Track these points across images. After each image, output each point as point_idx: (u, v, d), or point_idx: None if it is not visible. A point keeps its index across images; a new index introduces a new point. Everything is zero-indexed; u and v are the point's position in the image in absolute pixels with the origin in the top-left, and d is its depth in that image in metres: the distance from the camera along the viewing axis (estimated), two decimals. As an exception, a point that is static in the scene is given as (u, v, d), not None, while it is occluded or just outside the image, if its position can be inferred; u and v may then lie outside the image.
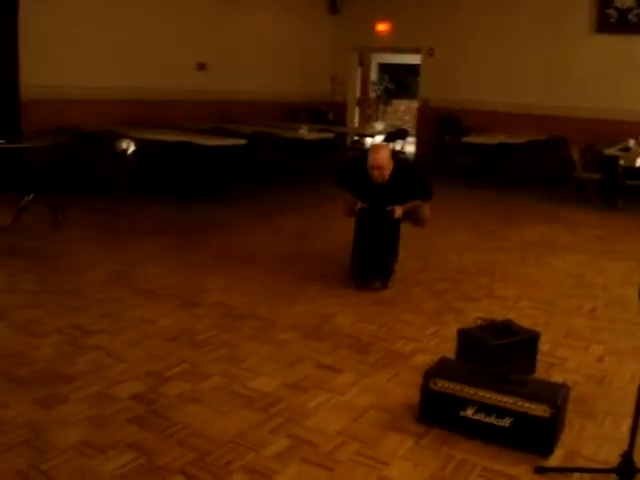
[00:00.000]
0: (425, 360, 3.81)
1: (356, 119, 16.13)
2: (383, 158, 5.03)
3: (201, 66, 11.14)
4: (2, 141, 6.95)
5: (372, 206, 5.24)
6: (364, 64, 17.62)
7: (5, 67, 8.54)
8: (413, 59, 14.97)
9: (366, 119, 18.28)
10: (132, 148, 7.61)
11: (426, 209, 5.43)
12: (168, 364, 3.78)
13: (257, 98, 11.91)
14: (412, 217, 5.38)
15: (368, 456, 2.92)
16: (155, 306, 4.75)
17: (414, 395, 3.31)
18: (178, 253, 6.20)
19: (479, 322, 3.77)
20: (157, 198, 8.58)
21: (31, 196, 7.00)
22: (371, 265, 5.28)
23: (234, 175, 9.14)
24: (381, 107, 20.78)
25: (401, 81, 20.20)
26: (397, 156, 5.36)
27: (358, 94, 16.42)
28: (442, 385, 3.11)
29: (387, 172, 5.06)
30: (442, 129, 12.20)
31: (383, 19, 13.31)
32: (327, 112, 13.47)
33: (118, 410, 3.24)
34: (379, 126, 17.33)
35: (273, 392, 3.50)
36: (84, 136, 8.06)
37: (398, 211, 5.19)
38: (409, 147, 13.06)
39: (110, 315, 4.51)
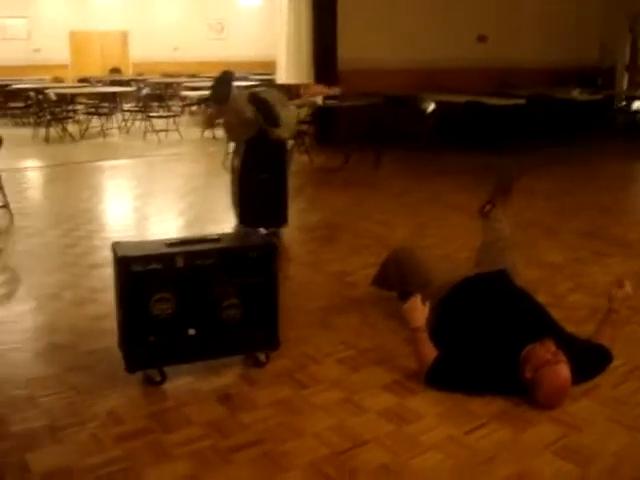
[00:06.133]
0: None
1: (624, 85, 16.62)
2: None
3: (482, 38, 12.61)
4: (334, 101, 9.06)
5: None
6: (633, 30, 17.93)
7: (327, 44, 10.70)
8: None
9: (634, 85, 18.55)
10: (432, 107, 9.38)
11: None
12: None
13: (529, 65, 13.10)
14: None
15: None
16: (465, 216, 6.45)
17: None
18: (472, 186, 7.88)
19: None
20: (451, 148, 10.31)
21: (355, 144, 9.09)
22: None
23: (514, 131, 10.60)
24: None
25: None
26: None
27: (627, 60, 16.86)
28: None
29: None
30: None
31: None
32: (596, 78, 14.32)
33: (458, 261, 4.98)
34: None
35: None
36: (391, 98, 9.97)
37: None
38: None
39: (438, 219, 6.35)
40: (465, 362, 3.09)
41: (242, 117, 5.00)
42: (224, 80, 4.90)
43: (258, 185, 5.39)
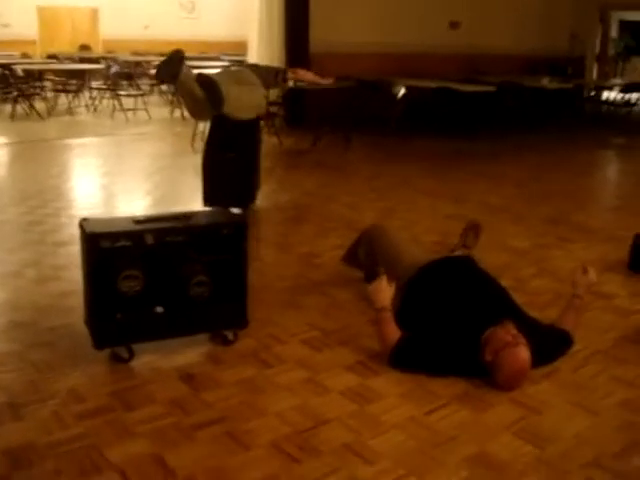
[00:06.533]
0: None
1: (594, 75, 16.82)
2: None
3: (454, 24, 12.64)
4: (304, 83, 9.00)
5: None
6: (604, 21, 18.12)
7: (299, 26, 10.65)
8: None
9: (604, 75, 18.78)
10: (402, 92, 9.39)
11: None
12: (449, 229, 5.43)
13: (501, 52, 13.20)
14: None
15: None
16: (433, 200, 6.51)
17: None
18: (441, 170, 7.95)
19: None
20: (421, 133, 10.38)
21: (326, 127, 9.07)
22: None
23: (485, 117, 10.69)
24: (620, 64, 21.01)
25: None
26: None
27: (597, 50, 17.04)
28: None
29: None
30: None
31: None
32: (566, 67, 14.45)
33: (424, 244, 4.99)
34: (617, 81, 17.78)
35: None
36: (363, 82, 9.96)
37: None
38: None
39: (406, 202, 6.36)
40: (428, 343, 3.12)
41: (194, 97, 4.96)
42: (174, 58, 4.81)
43: (222, 164, 5.36)
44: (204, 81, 4.91)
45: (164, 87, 13.57)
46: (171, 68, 4.80)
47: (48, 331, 3.50)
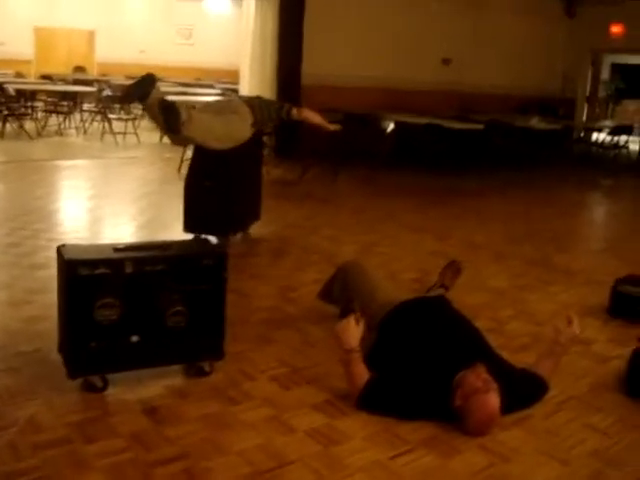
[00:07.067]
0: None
1: (584, 116, 16.94)
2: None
3: (446, 61, 12.75)
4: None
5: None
6: (595, 63, 18.29)
7: (291, 59, 10.71)
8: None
9: (594, 117, 18.91)
10: (391, 127, 9.42)
11: None
12: (430, 266, 5.40)
13: (491, 91, 13.31)
14: None
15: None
16: (418, 236, 6.49)
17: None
18: (427, 206, 7.95)
19: None
20: (409, 168, 10.40)
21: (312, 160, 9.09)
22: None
23: (473, 155, 10.73)
24: (610, 106, 21.18)
25: (634, 82, 20.59)
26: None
27: (588, 92, 17.18)
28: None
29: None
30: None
31: (617, 21, 14.26)
32: (557, 107, 14.57)
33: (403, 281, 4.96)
34: (606, 123, 17.91)
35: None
36: (353, 116, 9.99)
37: None
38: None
39: (390, 237, 6.33)
40: (397, 386, 3.06)
41: (158, 120, 4.87)
42: (146, 80, 4.72)
43: (201, 192, 5.33)
44: (164, 105, 4.79)
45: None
46: (140, 89, 4.72)
47: (15, 356, 3.42)
